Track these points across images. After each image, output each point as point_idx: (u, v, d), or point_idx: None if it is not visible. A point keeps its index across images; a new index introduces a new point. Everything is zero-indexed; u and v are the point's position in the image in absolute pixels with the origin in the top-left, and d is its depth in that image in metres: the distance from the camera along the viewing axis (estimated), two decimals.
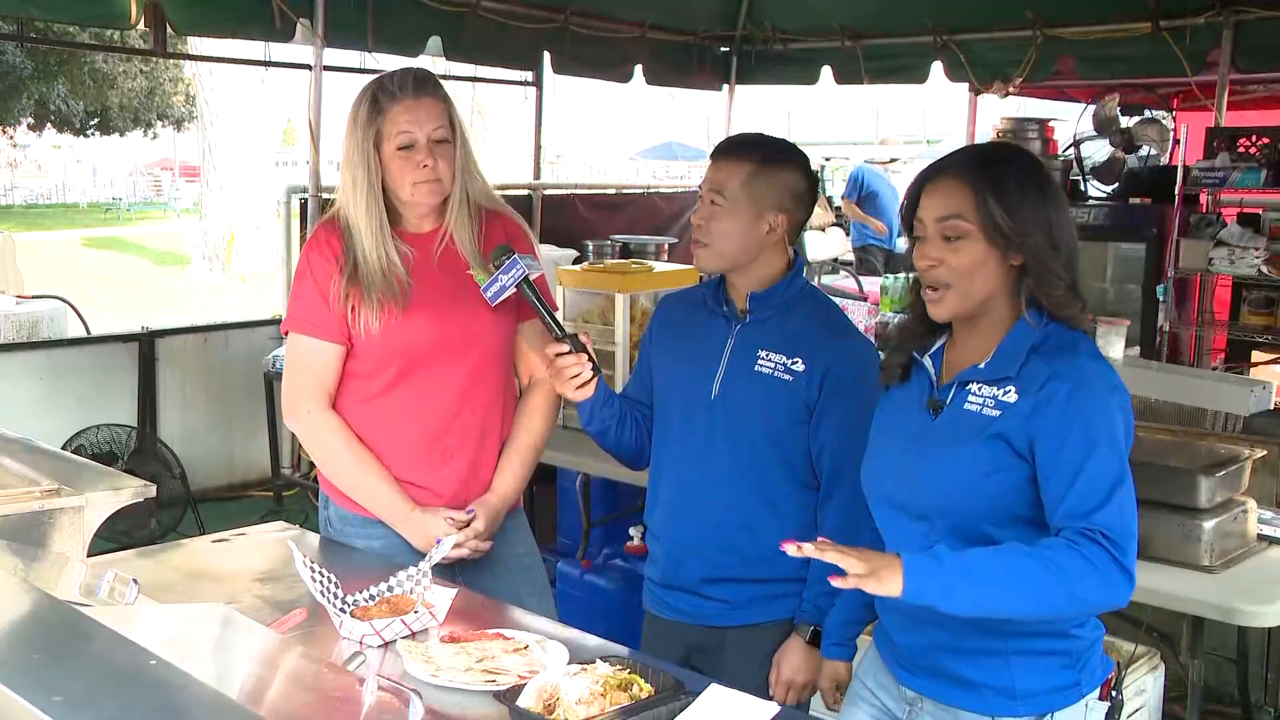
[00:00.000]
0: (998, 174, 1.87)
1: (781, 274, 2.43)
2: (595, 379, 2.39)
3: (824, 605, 2.39)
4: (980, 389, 1.88)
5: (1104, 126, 6.05)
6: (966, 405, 1.89)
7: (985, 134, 7.18)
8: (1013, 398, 1.85)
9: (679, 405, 2.48)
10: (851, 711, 2.11)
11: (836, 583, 1.73)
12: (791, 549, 1.75)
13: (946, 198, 1.87)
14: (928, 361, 1.97)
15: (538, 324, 2.48)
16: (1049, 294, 1.86)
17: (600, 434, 2.53)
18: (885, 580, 1.71)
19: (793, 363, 2.37)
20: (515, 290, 2.43)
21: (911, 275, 1.99)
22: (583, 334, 2.43)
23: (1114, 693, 1.94)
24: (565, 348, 2.36)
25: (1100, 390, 1.83)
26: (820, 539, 1.78)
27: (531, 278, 2.43)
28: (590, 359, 2.39)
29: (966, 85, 7.25)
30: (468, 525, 2.52)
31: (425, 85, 2.49)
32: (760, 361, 2.39)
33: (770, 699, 2.14)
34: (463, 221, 2.54)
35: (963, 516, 1.87)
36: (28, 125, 22.59)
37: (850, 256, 10.53)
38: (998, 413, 1.85)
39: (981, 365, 1.89)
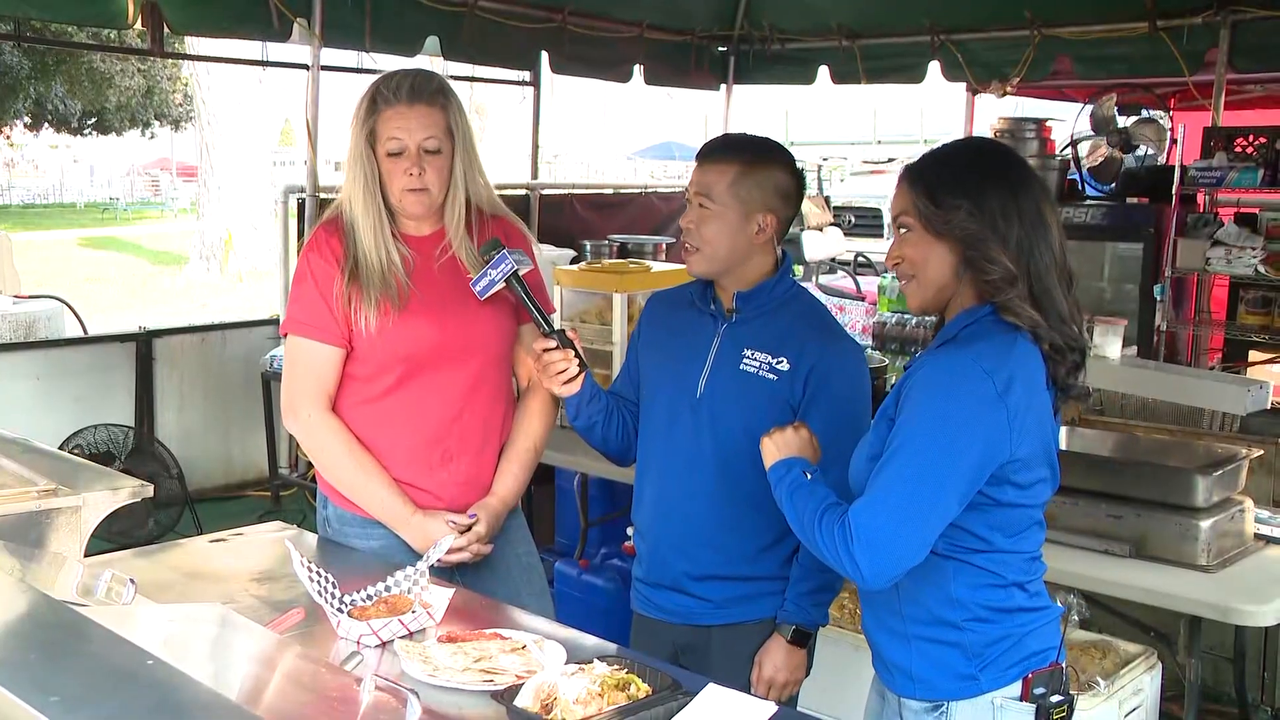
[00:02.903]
0: (933, 167, 1.96)
1: (769, 273, 2.43)
2: (582, 374, 2.41)
3: (806, 605, 2.40)
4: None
5: (1101, 126, 6.05)
6: None
7: (982, 134, 7.17)
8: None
9: (665, 403, 2.48)
10: (871, 690, 2.17)
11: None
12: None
13: (897, 199, 1.98)
14: None
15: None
16: (985, 277, 1.89)
17: (587, 430, 2.53)
18: (766, 449, 2.05)
19: (778, 362, 2.38)
20: (504, 285, 2.42)
21: None
22: (570, 330, 2.44)
23: (1049, 693, 1.91)
24: (553, 343, 2.38)
25: (951, 389, 1.84)
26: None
27: (521, 273, 2.42)
28: (577, 354, 2.40)
29: (964, 85, 7.25)
30: (469, 530, 2.52)
31: (421, 93, 2.46)
32: (745, 360, 2.40)
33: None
34: (462, 228, 2.53)
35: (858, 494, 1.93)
36: (25, 125, 22.54)
37: (848, 256, 10.53)
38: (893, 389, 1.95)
39: (919, 352, 1.96)
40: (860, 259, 10.13)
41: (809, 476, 1.98)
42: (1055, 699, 1.92)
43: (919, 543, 1.83)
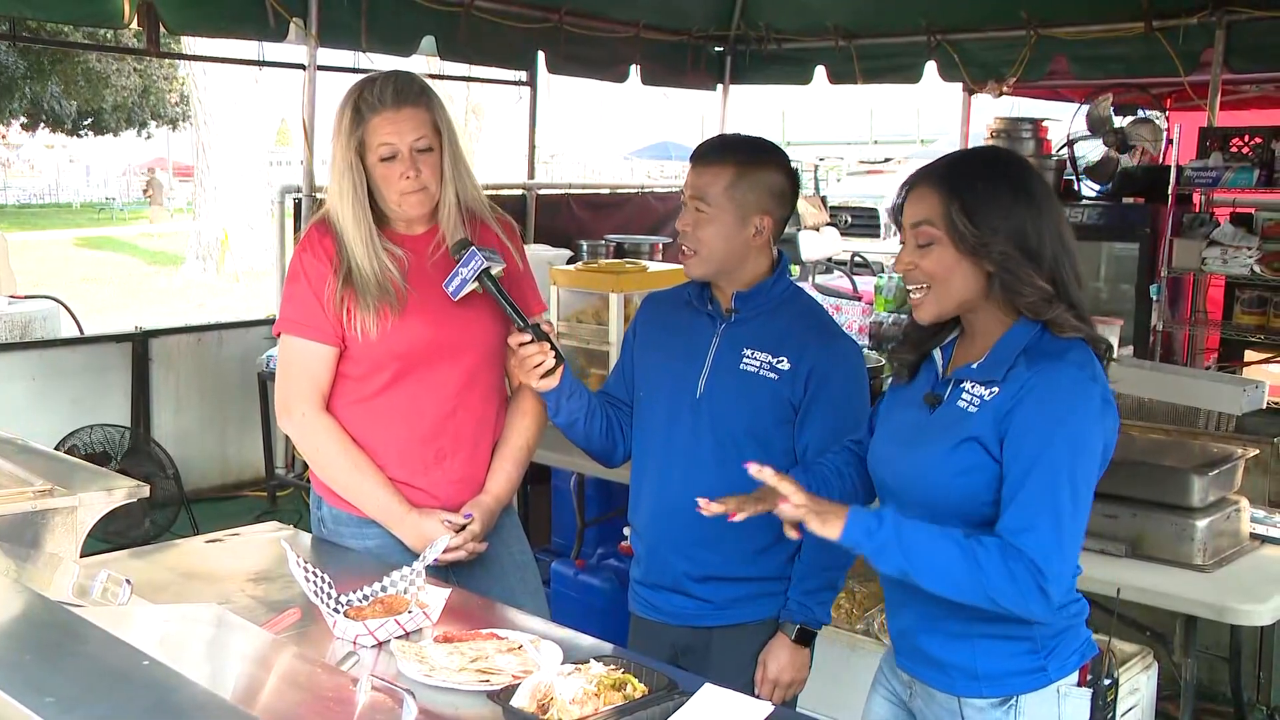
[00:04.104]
0: (968, 182, 1.90)
1: (766, 274, 2.43)
2: (559, 368, 2.40)
3: (810, 603, 2.40)
4: (973, 388, 1.91)
5: (1097, 126, 6.06)
6: (959, 403, 1.92)
7: (979, 134, 7.19)
8: (991, 398, 1.89)
9: (663, 403, 2.48)
10: (872, 695, 2.18)
11: (783, 510, 1.87)
12: (753, 468, 1.89)
13: (920, 204, 1.92)
14: (937, 354, 2.01)
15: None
16: (1020, 299, 1.88)
17: (568, 426, 2.52)
18: (828, 523, 1.85)
19: (778, 361, 2.38)
20: (476, 284, 2.42)
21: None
22: (545, 323, 2.43)
23: (1100, 678, 1.97)
24: (528, 337, 2.37)
25: (1072, 403, 1.84)
26: (785, 475, 1.91)
27: (493, 271, 2.41)
28: (553, 347, 2.39)
29: (960, 85, 7.26)
30: (464, 529, 2.51)
31: (406, 95, 2.45)
32: (745, 360, 2.40)
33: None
34: (457, 225, 2.53)
35: (936, 512, 1.92)
36: (21, 125, 22.52)
37: (844, 256, 10.54)
38: (976, 411, 1.89)
39: (974, 365, 1.93)
40: (857, 259, 10.14)
41: (895, 511, 1.88)
42: (1105, 681, 1.98)
43: (1077, 557, 1.86)
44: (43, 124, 21.99)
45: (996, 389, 1.88)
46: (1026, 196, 1.89)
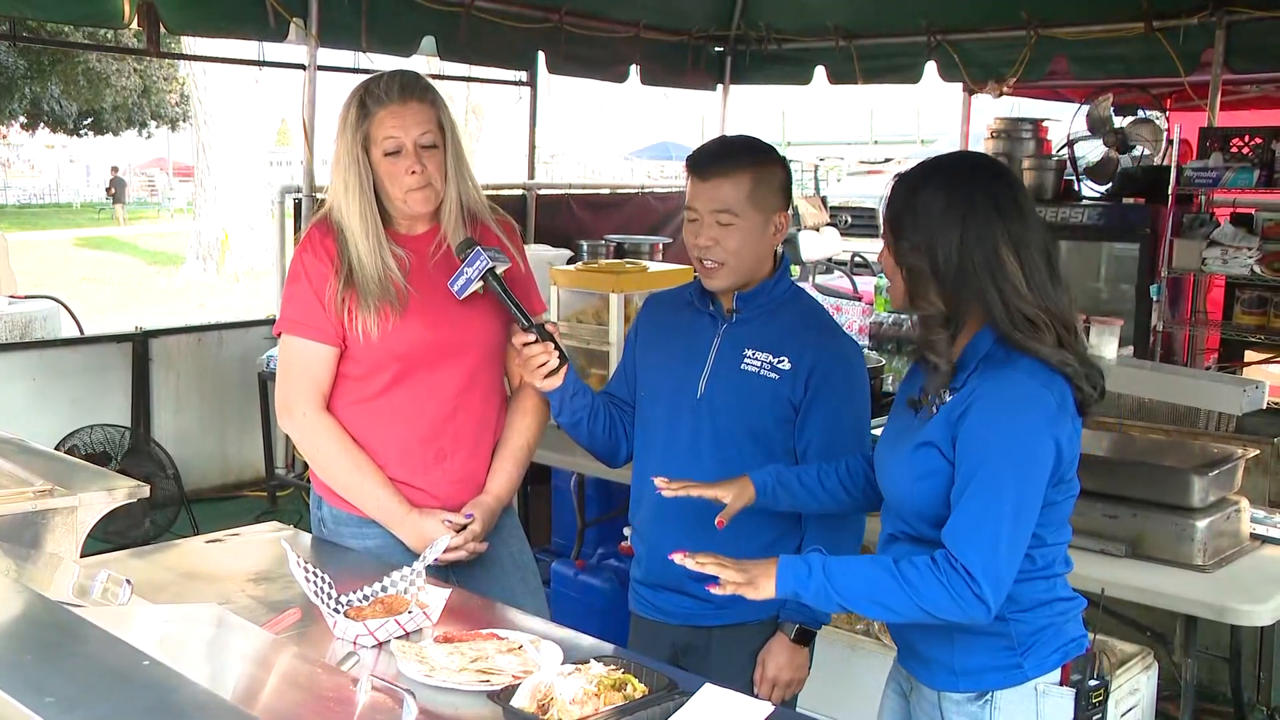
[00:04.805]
0: (904, 191, 1.95)
1: (768, 274, 2.43)
2: (563, 368, 2.40)
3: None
4: (943, 394, 1.93)
5: (1097, 126, 6.06)
6: (932, 407, 1.95)
7: (979, 134, 7.19)
8: (949, 402, 1.91)
9: (664, 404, 2.48)
10: (885, 690, 2.21)
11: (715, 590, 1.90)
12: (678, 558, 1.93)
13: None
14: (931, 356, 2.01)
15: None
16: (919, 312, 1.92)
17: (572, 426, 2.52)
18: (760, 586, 1.89)
19: (779, 361, 2.38)
20: (481, 283, 2.42)
21: None
22: (550, 324, 2.44)
23: (1086, 678, 1.96)
24: (532, 337, 2.37)
25: (1018, 409, 1.85)
26: (701, 554, 1.93)
27: (498, 270, 2.42)
28: (558, 347, 2.39)
29: (960, 85, 7.26)
30: (464, 529, 2.51)
31: (412, 90, 2.46)
32: (746, 360, 2.40)
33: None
34: (458, 225, 2.53)
35: (904, 515, 1.97)
36: (21, 125, 22.55)
37: (844, 256, 10.54)
38: (935, 416, 1.92)
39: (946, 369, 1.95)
40: (857, 259, 10.15)
41: (822, 553, 1.91)
42: (1092, 683, 1.97)
43: (1020, 561, 1.87)
44: (43, 124, 22.03)
45: (956, 394, 1.91)
46: (950, 214, 1.87)
